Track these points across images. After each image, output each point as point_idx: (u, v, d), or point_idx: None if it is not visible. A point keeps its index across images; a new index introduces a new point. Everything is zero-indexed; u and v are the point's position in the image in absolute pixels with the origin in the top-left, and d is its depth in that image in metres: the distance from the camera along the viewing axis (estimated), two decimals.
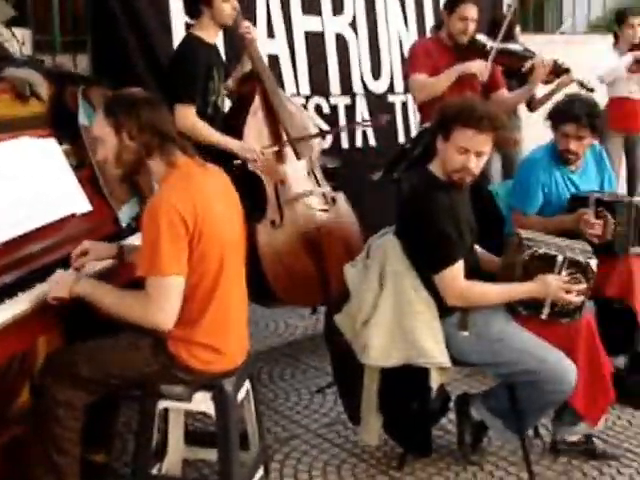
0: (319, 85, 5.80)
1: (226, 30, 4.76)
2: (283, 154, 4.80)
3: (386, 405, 3.76)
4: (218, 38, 4.76)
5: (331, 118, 5.84)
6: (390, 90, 6.30)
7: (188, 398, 3.24)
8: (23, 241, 3.35)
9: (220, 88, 4.64)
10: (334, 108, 5.92)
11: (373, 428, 3.83)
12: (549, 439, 4.13)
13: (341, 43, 5.98)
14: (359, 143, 6.04)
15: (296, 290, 4.68)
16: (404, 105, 6.32)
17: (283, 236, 4.69)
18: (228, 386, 3.23)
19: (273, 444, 4.13)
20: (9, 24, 4.40)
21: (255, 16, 5.44)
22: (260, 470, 3.65)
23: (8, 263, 3.22)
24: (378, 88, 6.23)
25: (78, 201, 3.80)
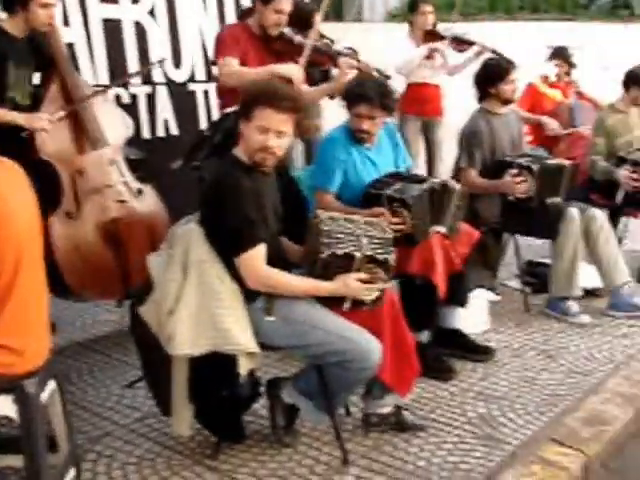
0: (118, 74, 5.67)
1: None
2: (84, 144, 4.69)
3: (196, 394, 3.72)
4: None
5: (131, 108, 5.71)
6: (191, 79, 6.23)
7: None
8: None
9: (23, 85, 4.51)
10: (134, 98, 5.80)
11: (185, 418, 3.79)
12: (360, 416, 4.20)
13: (140, 31, 5.87)
14: (161, 133, 5.96)
15: (94, 283, 4.60)
16: (206, 94, 6.26)
17: (80, 228, 4.60)
18: (30, 387, 3.11)
19: (85, 443, 4.01)
20: None
21: None
22: (71, 471, 3.53)
23: None
24: (179, 77, 6.15)
25: None
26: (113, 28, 5.69)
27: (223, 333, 3.55)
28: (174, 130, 6.05)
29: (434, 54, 7.27)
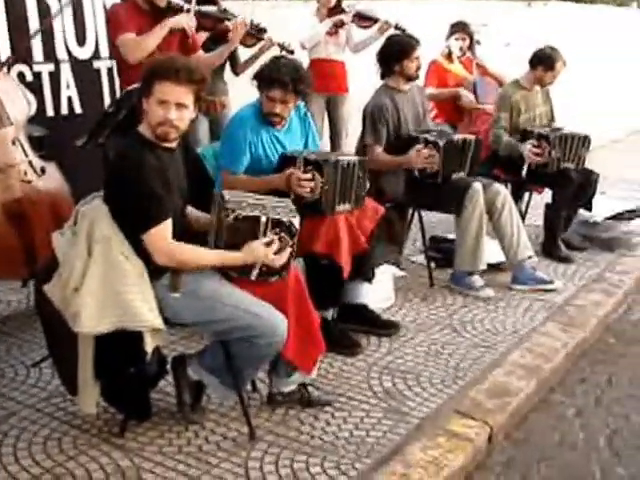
0: (20, 52, 5.58)
1: None
2: None
3: (103, 372, 3.71)
4: None
5: (35, 86, 5.63)
6: (95, 56, 6.16)
7: None
8: None
9: None
10: (37, 75, 5.71)
11: (91, 397, 3.77)
12: (267, 392, 4.24)
13: (43, 7, 5.76)
14: (64, 111, 5.88)
15: None
16: (110, 71, 6.19)
17: None
18: None
19: None
20: None
21: None
22: None
23: None
24: (83, 54, 6.07)
25: None
26: (15, 4, 5.57)
27: (128, 310, 3.54)
28: (78, 108, 5.98)
29: (338, 30, 7.27)
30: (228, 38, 5.53)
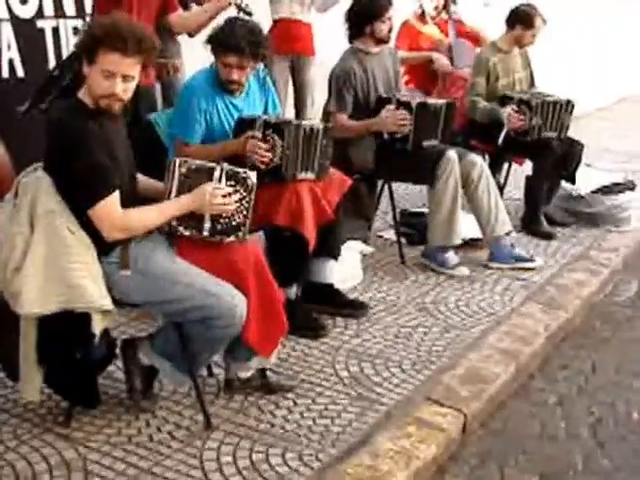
0: None
1: None
2: None
3: (47, 357, 3.70)
4: None
5: None
6: (39, 15, 6.11)
7: None
8: None
9: None
10: None
11: (34, 383, 3.75)
12: (223, 377, 4.25)
13: None
14: (5, 74, 5.83)
15: None
16: (55, 31, 6.16)
17: None
18: None
19: None
20: None
21: None
22: None
23: None
24: (25, 13, 6.02)
25: None
26: None
27: (75, 290, 3.53)
28: (20, 71, 5.92)
29: None
30: None
